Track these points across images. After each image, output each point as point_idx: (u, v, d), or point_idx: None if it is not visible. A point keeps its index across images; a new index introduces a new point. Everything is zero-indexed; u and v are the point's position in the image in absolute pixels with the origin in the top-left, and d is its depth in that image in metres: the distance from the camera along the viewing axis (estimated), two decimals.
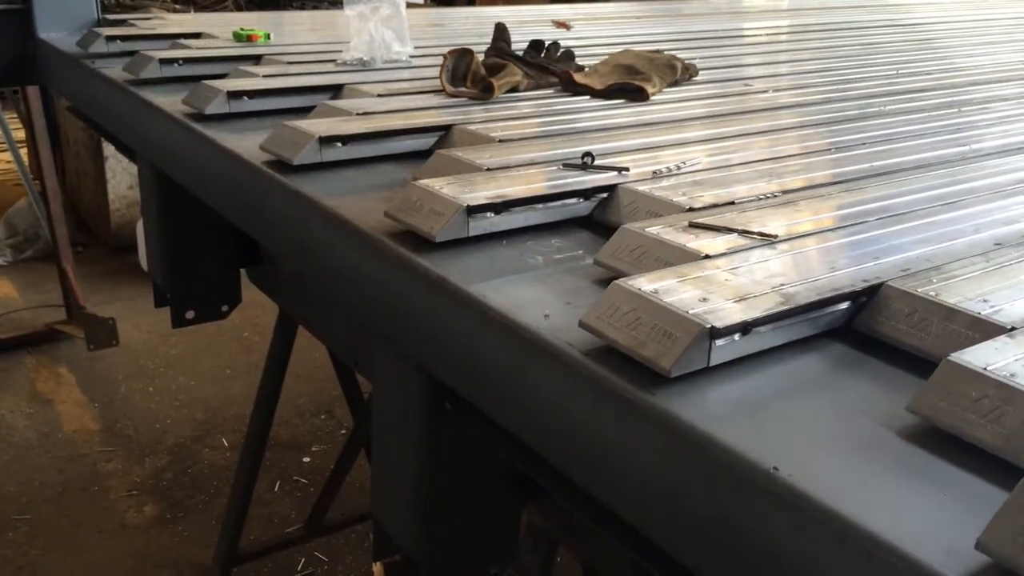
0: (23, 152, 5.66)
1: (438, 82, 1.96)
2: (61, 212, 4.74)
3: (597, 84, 2.06)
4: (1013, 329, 0.89)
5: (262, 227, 1.76)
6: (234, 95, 1.92)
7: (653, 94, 2.04)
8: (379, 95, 1.90)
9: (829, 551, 0.70)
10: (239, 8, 5.92)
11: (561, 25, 3.39)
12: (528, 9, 4.41)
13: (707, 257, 1.07)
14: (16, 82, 4.42)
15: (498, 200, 1.25)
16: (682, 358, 0.86)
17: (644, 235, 1.14)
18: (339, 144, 1.57)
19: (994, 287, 1.00)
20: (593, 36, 3.23)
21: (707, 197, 1.30)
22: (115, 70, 2.47)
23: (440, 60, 2.00)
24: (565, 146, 1.56)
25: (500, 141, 1.58)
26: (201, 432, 4.04)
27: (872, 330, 0.99)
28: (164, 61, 2.29)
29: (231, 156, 1.72)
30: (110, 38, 2.70)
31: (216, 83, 1.98)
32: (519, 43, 2.27)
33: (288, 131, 1.59)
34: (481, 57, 2.03)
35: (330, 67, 2.32)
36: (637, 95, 2.01)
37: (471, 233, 1.23)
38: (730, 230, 1.17)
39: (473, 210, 1.22)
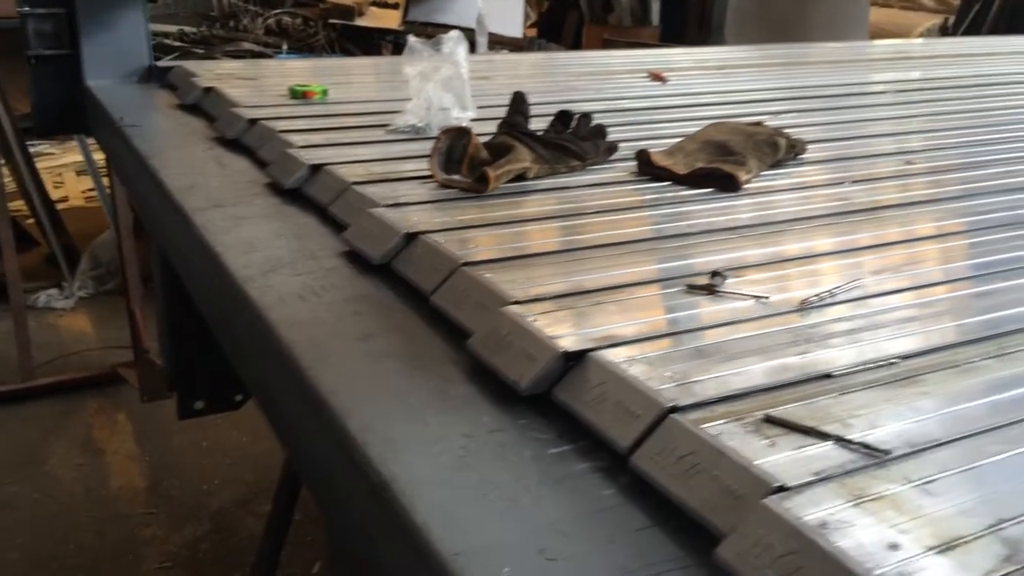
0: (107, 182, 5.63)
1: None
2: (133, 252, 4.63)
3: (680, 168, 1.65)
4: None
5: (234, 351, 1.48)
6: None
7: (745, 182, 1.62)
8: (353, 183, 1.57)
9: None
10: (330, 43, 5.71)
11: (657, 77, 2.97)
12: (622, 56, 3.96)
13: (782, 489, 0.73)
14: (65, 131, 4.32)
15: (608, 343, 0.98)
16: None
17: (697, 436, 0.81)
18: None
19: None
20: (694, 91, 2.78)
21: (710, 385, 0.90)
22: (142, 131, 2.21)
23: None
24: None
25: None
26: (248, 496, 3.80)
27: None
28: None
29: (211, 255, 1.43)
30: (208, 89, 2.41)
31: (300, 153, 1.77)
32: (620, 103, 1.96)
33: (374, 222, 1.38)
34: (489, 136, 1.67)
35: (379, 134, 1.99)
36: (726, 183, 1.60)
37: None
38: (822, 434, 0.81)
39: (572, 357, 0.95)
